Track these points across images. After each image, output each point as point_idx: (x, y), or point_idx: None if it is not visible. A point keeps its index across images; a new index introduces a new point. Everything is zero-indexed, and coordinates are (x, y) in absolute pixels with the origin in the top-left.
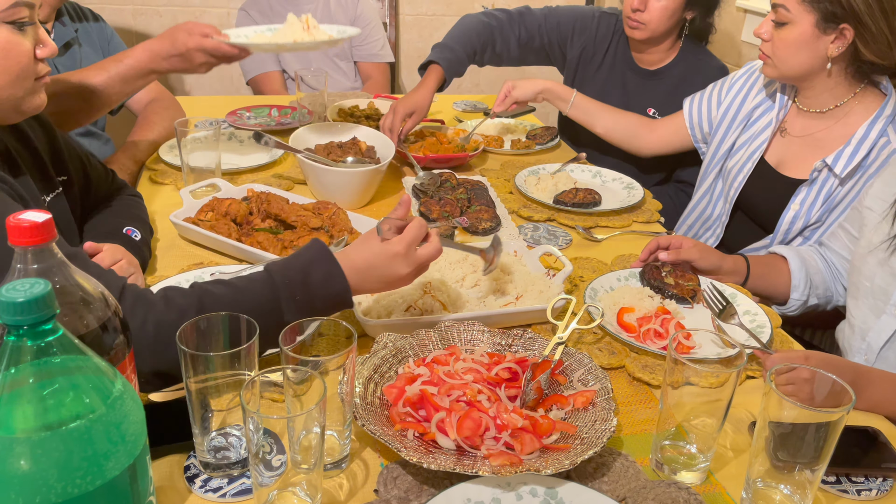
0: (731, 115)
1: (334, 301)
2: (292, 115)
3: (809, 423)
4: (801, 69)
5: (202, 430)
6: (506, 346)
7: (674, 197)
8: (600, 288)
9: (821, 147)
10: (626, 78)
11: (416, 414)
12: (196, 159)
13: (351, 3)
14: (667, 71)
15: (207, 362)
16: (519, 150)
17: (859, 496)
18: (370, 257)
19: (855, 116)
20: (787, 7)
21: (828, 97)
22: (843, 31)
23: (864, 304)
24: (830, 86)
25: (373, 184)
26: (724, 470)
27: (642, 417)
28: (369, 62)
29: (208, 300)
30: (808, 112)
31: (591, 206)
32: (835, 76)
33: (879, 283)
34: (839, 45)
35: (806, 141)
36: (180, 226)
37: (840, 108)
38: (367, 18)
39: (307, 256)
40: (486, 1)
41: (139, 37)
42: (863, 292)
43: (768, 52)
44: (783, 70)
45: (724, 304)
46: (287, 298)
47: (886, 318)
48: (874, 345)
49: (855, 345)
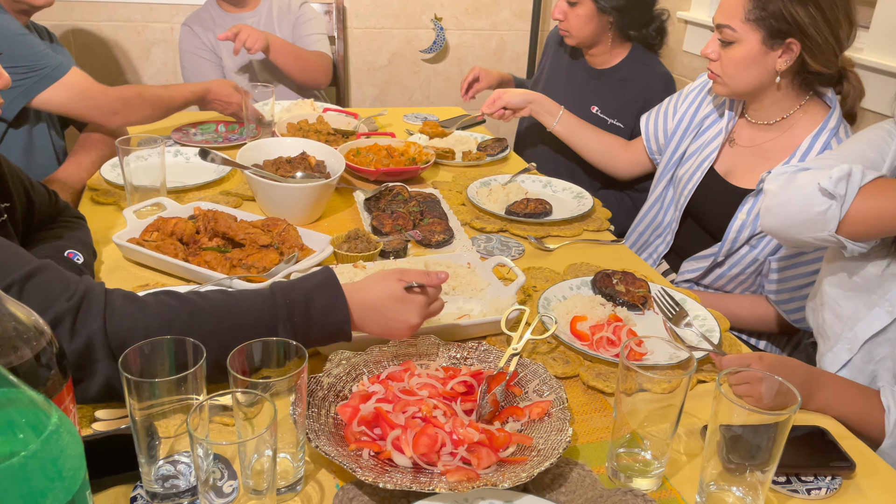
0: (684, 124)
1: (332, 331)
2: (240, 131)
3: (758, 425)
4: (751, 85)
5: (149, 458)
6: (461, 359)
7: (620, 200)
8: (553, 297)
9: (768, 158)
10: (576, 75)
11: (372, 432)
12: (140, 178)
13: (294, 15)
14: (613, 72)
15: (153, 388)
16: (470, 162)
17: (809, 495)
18: (387, 300)
19: (800, 128)
20: (733, 27)
21: (775, 109)
22: (790, 45)
23: (856, 295)
24: (778, 98)
25: (323, 199)
26: (678, 475)
27: (598, 426)
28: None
29: (204, 305)
30: (756, 124)
31: (543, 216)
32: (783, 88)
33: (874, 277)
34: (787, 58)
35: (754, 151)
36: (124, 247)
37: (786, 119)
38: (305, 17)
39: (314, 281)
40: (432, 14)
41: (78, 55)
42: (853, 284)
43: (717, 72)
44: (733, 87)
45: (676, 309)
46: (285, 319)
47: (879, 311)
48: (861, 336)
49: (839, 333)
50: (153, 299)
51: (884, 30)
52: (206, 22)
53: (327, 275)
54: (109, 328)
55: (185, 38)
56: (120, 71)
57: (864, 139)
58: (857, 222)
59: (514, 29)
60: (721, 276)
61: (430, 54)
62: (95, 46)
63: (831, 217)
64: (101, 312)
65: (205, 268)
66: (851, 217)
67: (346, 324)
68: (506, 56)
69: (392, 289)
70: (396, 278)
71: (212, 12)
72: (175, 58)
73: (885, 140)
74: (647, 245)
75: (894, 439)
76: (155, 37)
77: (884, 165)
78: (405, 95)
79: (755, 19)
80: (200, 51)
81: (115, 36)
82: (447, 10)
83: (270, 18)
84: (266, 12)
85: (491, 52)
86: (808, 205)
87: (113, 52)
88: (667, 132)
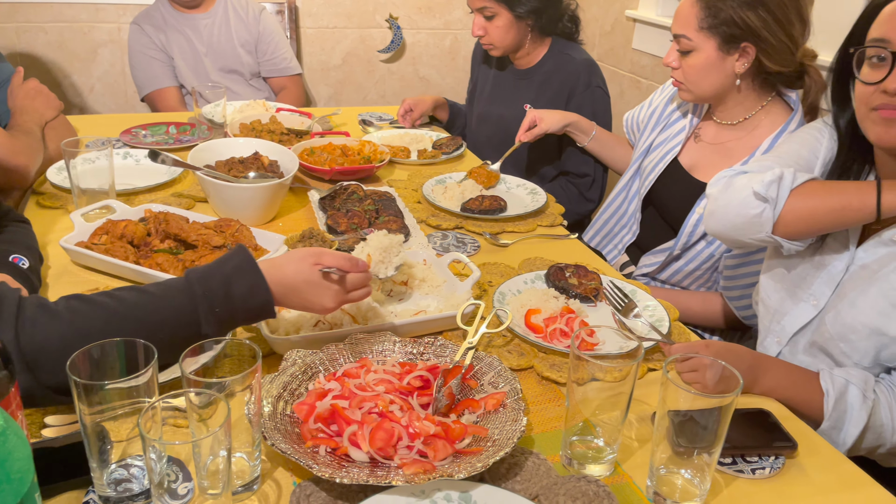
0: (655, 117)
1: (256, 313)
2: (192, 132)
3: (704, 408)
4: (713, 90)
5: (101, 462)
6: (417, 354)
7: (565, 189)
8: (508, 291)
9: (731, 156)
10: (505, 79)
11: (328, 429)
12: (87, 181)
13: (252, 21)
14: (538, 68)
15: (103, 392)
16: (425, 160)
17: (754, 475)
18: (302, 283)
19: (762, 129)
20: (689, 36)
21: (739, 110)
22: (745, 48)
23: (785, 288)
24: (741, 99)
25: (276, 199)
26: (630, 460)
27: (552, 415)
28: (280, 76)
29: (120, 308)
30: (721, 123)
31: (497, 212)
32: (744, 90)
33: (800, 272)
34: (744, 62)
35: (718, 149)
36: (72, 251)
37: (749, 120)
38: (270, 34)
39: (231, 264)
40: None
41: (23, 57)
42: (783, 278)
43: (680, 79)
44: (697, 93)
45: (624, 301)
46: (206, 311)
47: (804, 305)
48: (788, 329)
49: (769, 325)
50: (64, 306)
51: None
52: (157, 21)
53: (244, 255)
54: (22, 339)
55: (134, 38)
56: (66, 73)
57: (798, 139)
58: (791, 223)
59: (467, 28)
60: (678, 272)
61: (388, 54)
62: (41, 48)
63: (766, 219)
64: (12, 323)
65: (157, 270)
66: (785, 218)
67: (269, 304)
68: (460, 55)
69: (307, 273)
70: (312, 262)
71: (163, 12)
72: (123, 58)
73: (816, 138)
74: (613, 235)
75: (833, 420)
76: (102, 37)
77: (817, 162)
78: (360, 95)
79: (708, 27)
80: (150, 50)
81: (61, 37)
82: (400, 10)
83: (226, 20)
84: (221, 14)
85: (445, 50)
86: (744, 208)
87: (59, 54)
88: (639, 124)
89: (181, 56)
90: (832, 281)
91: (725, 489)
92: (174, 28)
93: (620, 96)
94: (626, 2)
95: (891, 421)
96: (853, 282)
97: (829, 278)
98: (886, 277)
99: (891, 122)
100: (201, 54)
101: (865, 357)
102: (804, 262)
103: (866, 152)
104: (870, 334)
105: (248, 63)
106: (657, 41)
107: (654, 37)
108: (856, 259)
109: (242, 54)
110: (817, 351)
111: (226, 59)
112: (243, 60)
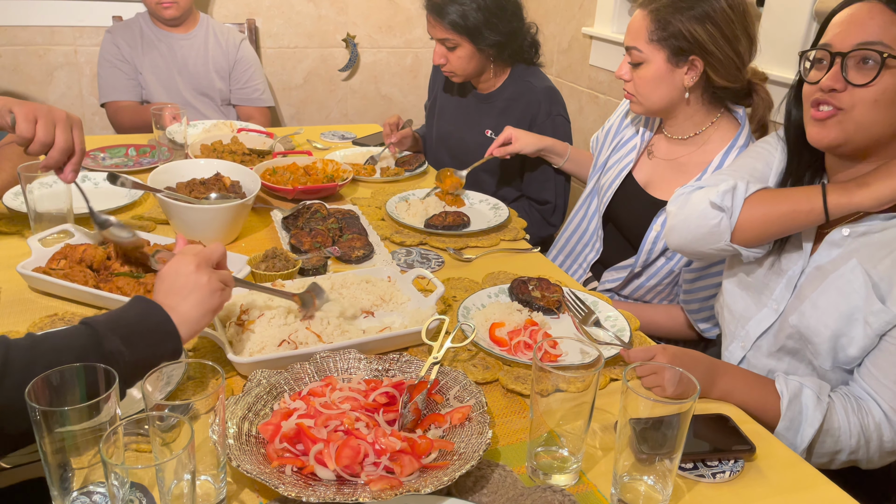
0: (611, 135)
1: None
2: (151, 154)
3: (664, 415)
4: (663, 102)
5: (62, 491)
6: (383, 371)
7: (528, 212)
8: (472, 306)
9: (684, 172)
10: (467, 103)
11: (294, 449)
12: (44, 205)
13: (231, 48)
14: (499, 93)
15: (63, 418)
16: (389, 178)
17: (715, 479)
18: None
19: (712, 144)
20: (639, 48)
21: (689, 125)
22: (693, 62)
23: (748, 294)
24: (690, 114)
25: (239, 219)
26: (594, 469)
27: (517, 427)
28: (249, 105)
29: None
30: (672, 138)
31: (461, 227)
32: (693, 104)
33: (762, 277)
34: (692, 75)
35: (671, 165)
36: (29, 276)
37: (699, 135)
38: (247, 62)
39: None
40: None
41: None
42: (746, 283)
43: (632, 91)
44: (648, 105)
45: (585, 311)
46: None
47: (767, 311)
48: (752, 333)
49: (733, 331)
50: None
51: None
52: (133, 35)
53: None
54: None
55: (105, 47)
56: (22, 97)
57: (752, 153)
58: (747, 230)
59: (427, 46)
60: (640, 287)
61: (345, 73)
62: None
63: (724, 228)
64: None
65: (117, 294)
66: (741, 226)
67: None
68: (421, 73)
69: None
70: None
71: (143, 28)
72: (80, 81)
73: (769, 152)
74: (577, 254)
75: (788, 420)
76: (58, 60)
77: (770, 174)
78: (322, 113)
79: (658, 39)
80: (119, 62)
81: (16, 60)
82: (360, 29)
83: (205, 44)
84: (202, 37)
85: (406, 69)
86: (703, 219)
87: (14, 78)
88: (598, 141)
89: (153, 71)
90: (790, 284)
91: (687, 493)
92: (151, 43)
93: (580, 112)
94: (583, 19)
95: (847, 424)
96: (810, 283)
97: (788, 282)
98: (844, 277)
99: (822, 123)
100: (174, 72)
101: (829, 357)
102: (765, 268)
103: (817, 161)
104: (832, 335)
105: (221, 89)
106: (613, 57)
107: (611, 53)
108: (811, 261)
109: (216, 80)
110: (783, 354)
111: (198, 81)
112: (216, 86)
